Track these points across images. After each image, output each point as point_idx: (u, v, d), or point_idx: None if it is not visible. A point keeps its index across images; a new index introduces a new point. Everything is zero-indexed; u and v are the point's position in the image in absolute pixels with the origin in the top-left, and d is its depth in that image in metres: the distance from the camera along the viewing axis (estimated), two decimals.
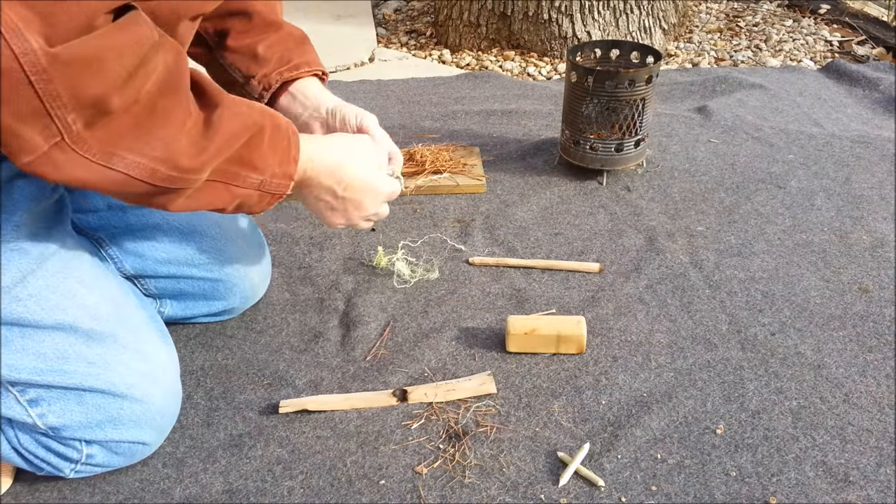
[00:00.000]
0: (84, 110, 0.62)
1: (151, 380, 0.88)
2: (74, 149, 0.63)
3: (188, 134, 0.70)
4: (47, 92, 0.59)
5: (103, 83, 0.62)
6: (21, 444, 0.85)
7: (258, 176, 0.79)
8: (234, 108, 0.75)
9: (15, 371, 0.79)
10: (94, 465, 0.87)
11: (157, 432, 0.90)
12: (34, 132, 0.61)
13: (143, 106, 0.66)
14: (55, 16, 0.57)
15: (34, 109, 0.59)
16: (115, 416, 0.85)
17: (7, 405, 0.81)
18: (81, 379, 0.82)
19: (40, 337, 0.80)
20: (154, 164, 0.68)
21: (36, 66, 0.57)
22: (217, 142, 0.72)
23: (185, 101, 0.71)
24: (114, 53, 0.62)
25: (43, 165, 0.63)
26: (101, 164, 0.65)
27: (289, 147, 0.82)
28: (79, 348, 0.82)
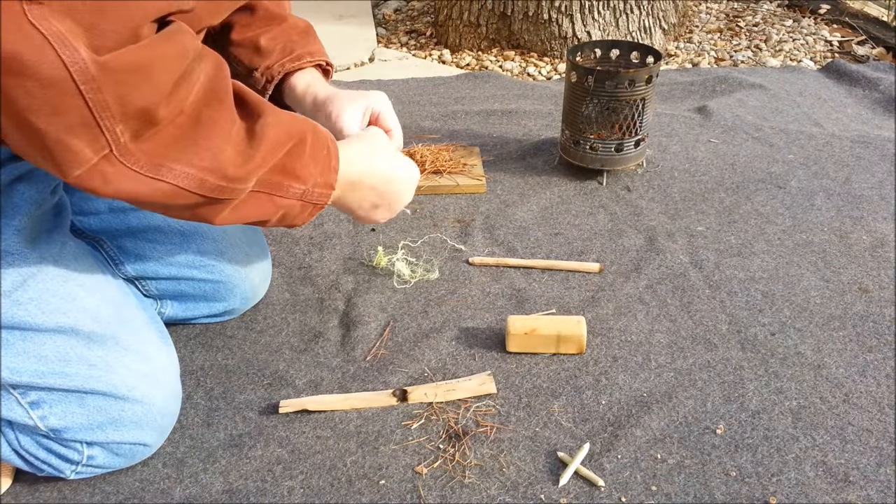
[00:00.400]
0: (131, 121, 0.61)
1: (152, 381, 0.88)
2: (123, 161, 0.63)
3: (234, 143, 0.70)
4: (97, 102, 0.58)
5: (151, 93, 0.61)
6: (22, 445, 0.85)
7: (301, 186, 0.78)
8: (276, 116, 0.75)
9: (16, 374, 0.79)
10: (95, 466, 0.88)
11: (157, 433, 0.90)
12: (83, 144, 0.60)
13: (188, 116, 0.66)
14: (98, 27, 0.57)
15: (84, 120, 0.59)
16: (117, 418, 0.85)
17: (8, 407, 0.81)
18: (83, 381, 0.82)
19: (41, 340, 0.80)
20: (202, 174, 0.68)
21: (85, 74, 0.57)
22: (262, 150, 0.72)
23: (229, 110, 0.71)
24: (160, 63, 0.62)
25: (93, 179, 0.63)
26: (150, 175, 0.65)
27: (329, 156, 0.81)
28: (80, 351, 0.82)
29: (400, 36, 2.52)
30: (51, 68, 0.55)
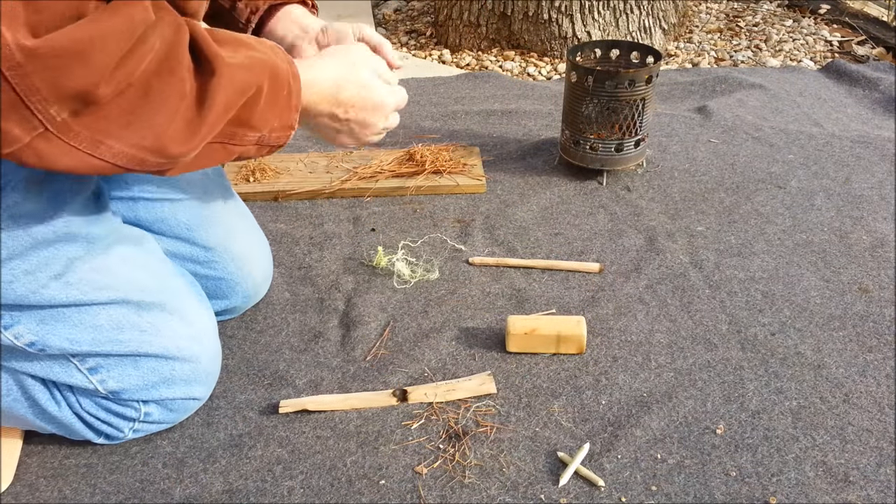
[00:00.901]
0: (67, 102, 0.60)
1: (198, 342, 0.94)
2: (60, 137, 0.62)
3: (181, 116, 0.67)
4: (24, 86, 0.57)
5: (88, 74, 0.59)
6: (83, 408, 0.90)
7: (256, 133, 0.77)
8: (230, 73, 0.70)
9: (75, 344, 0.84)
10: (151, 422, 0.93)
11: (205, 387, 0.96)
12: (11, 125, 0.59)
13: (137, 88, 0.63)
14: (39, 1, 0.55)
15: (11, 104, 0.58)
16: (168, 377, 0.91)
17: (69, 374, 0.87)
18: (136, 346, 0.88)
19: (95, 311, 0.85)
20: (142, 154, 0.67)
21: (10, 60, 0.55)
22: (210, 119, 0.70)
23: (181, 81, 0.67)
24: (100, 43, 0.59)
25: (24, 155, 0.62)
26: (87, 152, 0.64)
27: (289, 96, 0.78)
28: (131, 318, 0.87)
29: (400, 36, 2.52)
30: None
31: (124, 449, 0.94)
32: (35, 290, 0.80)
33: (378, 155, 1.60)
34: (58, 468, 0.92)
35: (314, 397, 1.00)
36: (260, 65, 0.74)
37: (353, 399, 1.00)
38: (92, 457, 0.94)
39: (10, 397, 0.87)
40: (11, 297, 0.79)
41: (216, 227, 1.06)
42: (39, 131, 0.60)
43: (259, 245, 1.14)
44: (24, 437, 0.96)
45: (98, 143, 0.64)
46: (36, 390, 0.88)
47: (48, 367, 0.86)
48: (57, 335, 0.83)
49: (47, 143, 0.61)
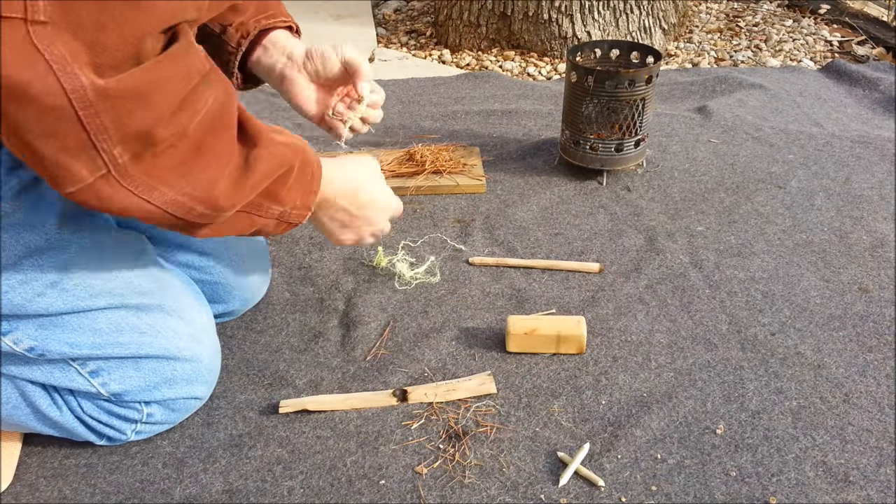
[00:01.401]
0: (130, 143, 0.62)
1: (197, 341, 0.94)
2: (120, 181, 0.64)
3: (228, 174, 0.72)
4: (94, 126, 0.59)
5: (149, 117, 0.62)
6: (85, 411, 0.90)
7: (280, 208, 0.81)
8: (271, 147, 0.76)
9: (75, 348, 0.84)
10: (154, 423, 0.93)
11: (206, 386, 0.96)
12: (80, 165, 0.61)
13: (190, 141, 0.67)
14: (101, 44, 0.58)
15: (81, 143, 0.60)
16: (170, 377, 0.91)
17: (70, 378, 0.87)
18: (136, 348, 0.88)
19: (94, 315, 0.85)
20: (192, 204, 0.70)
21: (84, 101, 0.57)
22: (252, 182, 0.74)
23: (231, 140, 0.72)
24: (162, 87, 0.63)
25: (86, 195, 0.64)
26: (142, 197, 0.66)
27: (312, 180, 0.84)
28: (130, 320, 0.88)
29: (400, 36, 2.52)
30: (51, 96, 0.56)
31: (124, 449, 0.94)
32: (31, 299, 0.80)
33: (378, 155, 1.60)
34: (58, 468, 0.92)
35: (314, 397, 1.00)
36: (294, 146, 0.80)
37: (353, 399, 1.00)
38: (92, 457, 0.94)
39: (10, 404, 0.87)
40: (8, 307, 0.79)
41: None
42: (102, 172, 0.63)
43: (256, 249, 1.14)
44: (23, 438, 0.96)
45: (153, 189, 0.66)
46: (36, 396, 0.88)
47: (49, 372, 0.86)
48: (56, 340, 0.83)
49: (108, 184, 0.64)
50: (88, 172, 0.62)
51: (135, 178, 0.65)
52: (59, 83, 0.56)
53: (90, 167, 0.62)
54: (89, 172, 0.62)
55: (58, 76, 0.56)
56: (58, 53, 0.55)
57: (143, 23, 0.60)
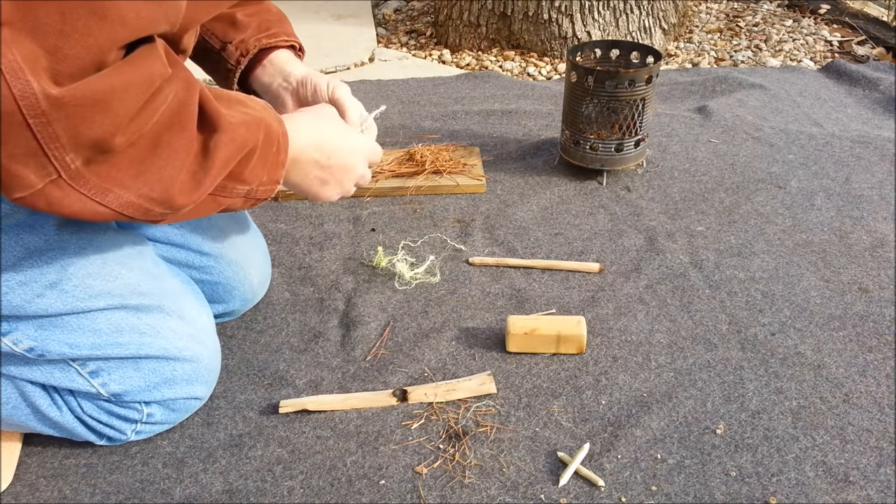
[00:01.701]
0: (84, 150, 0.61)
1: (197, 341, 0.94)
2: (72, 185, 0.62)
3: (186, 169, 0.69)
4: (45, 134, 0.57)
5: (107, 124, 0.60)
6: (85, 411, 0.90)
7: (245, 187, 0.79)
8: (231, 131, 0.73)
9: (75, 348, 0.84)
10: (154, 423, 0.93)
11: (206, 386, 0.96)
12: (29, 171, 0.59)
13: (148, 140, 0.65)
14: (62, 51, 0.56)
15: (30, 150, 0.58)
16: (170, 377, 0.91)
17: (70, 378, 0.86)
18: (136, 349, 0.88)
19: (94, 316, 0.85)
20: (148, 205, 0.68)
21: (35, 109, 0.56)
22: (213, 173, 0.72)
23: (190, 136, 0.69)
24: (121, 94, 0.60)
25: (35, 200, 0.62)
26: (94, 199, 0.64)
27: (278, 152, 0.81)
28: (130, 321, 0.87)
29: (400, 36, 2.52)
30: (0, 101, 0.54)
31: (124, 449, 0.94)
32: (30, 300, 0.80)
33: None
34: (58, 468, 0.92)
35: (314, 397, 1.00)
36: (255, 123, 0.76)
37: (353, 399, 1.00)
38: (92, 457, 0.94)
39: (10, 405, 0.87)
40: (7, 308, 0.79)
41: (211, 231, 1.06)
42: (53, 178, 0.61)
43: (256, 248, 1.14)
44: (23, 438, 0.95)
45: (106, 192, 0.64)
46: (36, 396, 0.88)
47: (49, 373, 0.86)
48: (56, 340, 0.83)
49: (59, 189, 0.62)
50: (38, 178, 0.60)
51: (88, 181, 0.63)
52: (9, 88, 0.54)
53: (39, 173, 0.60)
54: (38, 178, 0.60)
55: (7, 81, 0.54)
56: (10, 59, 0.53)
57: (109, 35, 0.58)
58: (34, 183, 0.60)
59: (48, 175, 0.60)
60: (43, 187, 0.61)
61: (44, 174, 0.60)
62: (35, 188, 0.61)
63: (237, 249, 1.09)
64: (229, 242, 1.08)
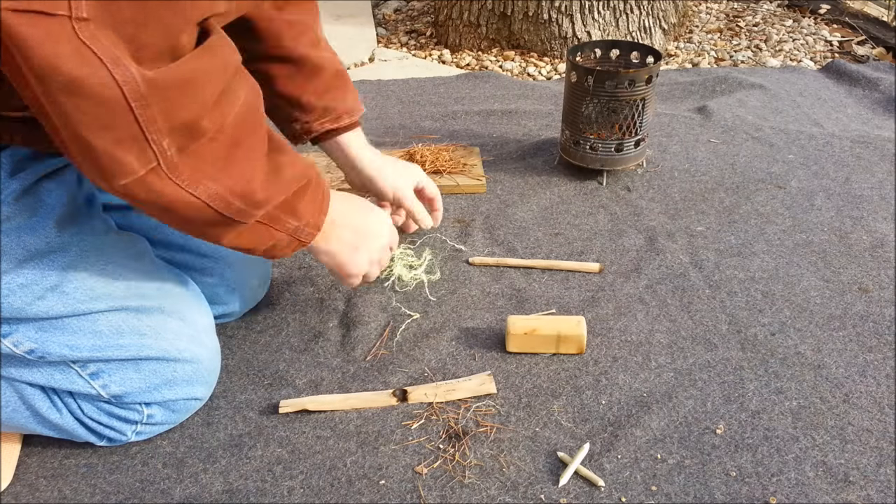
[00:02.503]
0: (177, 134, 0.64)
1: (198, 342, 0.94)
2: (169, 175, 0.66)
3: (261, 171, 0.75)
4: (146, 117, 0.61)
5: (196, 107, 0.65)
6: (85, 413, 0.90)
7: (296, 222, 0.83)
8: (293, 156, 0.80)
9: (76, 350, 0.84)
10: (154, 423, 0.93)
11: (206, 387, 0.97)
12: (132, 157, 0.63)
13: (228, 136, 0.70)
14: (140, 39, 0.60)
15: (133, 135, 0.62)
16: (170, 378, 0.91)
17: (70, 380, 0.87)
18: (137, 350, 0.88)
19: (94, 318, 0.85)
20: (232, 198, 0.72)
21: (136, 92, 0.60)
22: (281, 184, 0.78)
23: (263, 138, 0.76)
24: (204, 77, 0.65)
25: (136, 188, 0.66)
26: (188, 190, 0.68)
27: (323, 200, 0.87)
28: (131, 323, 0.88)
29: (400, 36, 2.52)
30: (106, 88, 0.58)
31: (124, 449, 0.94)
32: (31, 302, 0.80)
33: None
34: (58, 468, 0.92)
35: (314, 397, 1.00)
36: (310, 163, 0.85)
37: (353, 399, 1.00)
38: (92, 457, 0.94)
39: (10, 408, 0.87)
40: (8, 311, 0.79)
41: None
42: (153, 165, 0.65)
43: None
44: (23, 438, 0.96)
45: (198, 183, 0.69)
46: (36, 399, 0.88)
47: (49, 375, 0.86)
48: (56, 342, 0.83)
49: (157, 177, 0.66)
50: (140, 165, 0.64)
51: (182, 171, 0.67)
52: (112, 76, 0.58)
53: (141, 159, 0.64)
54: (140, 165, 0.64)
55: (110, 69, 0.58)
56: (106, 48, 0.57)
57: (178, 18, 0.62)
58: (136, 170, 0.64)
59: (149, 162, 0.64)
60: (144, 175, 0.65)
61: (145, 160, 0.64)
62: (137, 175, 0.65)
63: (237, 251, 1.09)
64: None
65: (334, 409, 0.99)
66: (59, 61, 0.56)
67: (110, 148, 0.62)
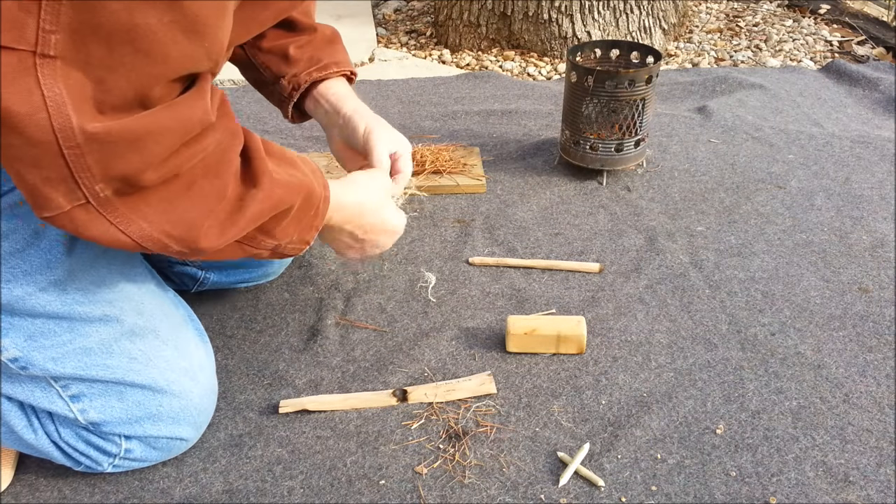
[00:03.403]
0: (113, 182, 0.63)
1: (190, 377, 0.89)
2: (99, 210, 0.64)
3: (215, 216, 0.71)
4: (78, 165, 0.60)
5: (138, 162, 0.63)
6: (62, 437, 0.86)
7: (273, 242, 0.80)
8: (269, 190, 0.74)
9: (60, 364, 0.81)
10: (133, 459, 0.89)
11: (194, 428, 0.91)
12: (58, 194, 0.62)
13: (182, 182, 0.67)
14: (107, 83, 0.58)
15: (62, 177, 0.61)
16: (154, 413, 0.86)
17: (49, 400, 0.83)
18: (123, 373, 0.84)
19: (87, 331, 0.82)
20: (167, 241, 0.69)
21: (70, 141, 0.58)
22: (241, 224, 0.73)
23: (225, 184, 0.71)
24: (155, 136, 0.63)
25: (61, 221, 0.64)
26: (118, 227, 0.66)
27: (314, 216, 0.83)
28: (122, 343, 0.84)
29: (400, 36, 2.52)
30: (39, 130, 0.57)
31: None
32: (31, 293, 0.78)
33: None
34: (58, 468, 0.92)
35: (314, 397, 1.00)
36: (298, 185, 0.79)
37: (353, 399, 1.00)
38: None
39: None
40: (7, 297, 0.77)
41: None
42: (81, 202, 0.63)
43: None
44: None
45: (130, 222, 0.66)
46: (12, 415, 0.85)
47: (30, 391, 0.82)
48: (42, 354, 0.80)
49: (86, 213, 0.64)
50: (66, 201, 0.62)
51: (116, 209, 0.65)
52: (50, 121, 0.57)
53: (69, 197, 0.62)
54: (66, 201, 0.62)
55: (49, 113, 0.56)
56: (56, 91, 0.56)
57: (152, 71, 0.61)
58: (62, 205, 0.63)
59: (77, 199, 0.63)
60: (70, 210, 0.63)
61: (72, 198, 0.63)
62: (62, 210, 0.63)
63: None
64: None
65: (334, 409, 0.99)
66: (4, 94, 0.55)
67: (39, 184, 0.61)
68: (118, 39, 0.57)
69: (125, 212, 0.65)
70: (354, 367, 1.06)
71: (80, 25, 0.55)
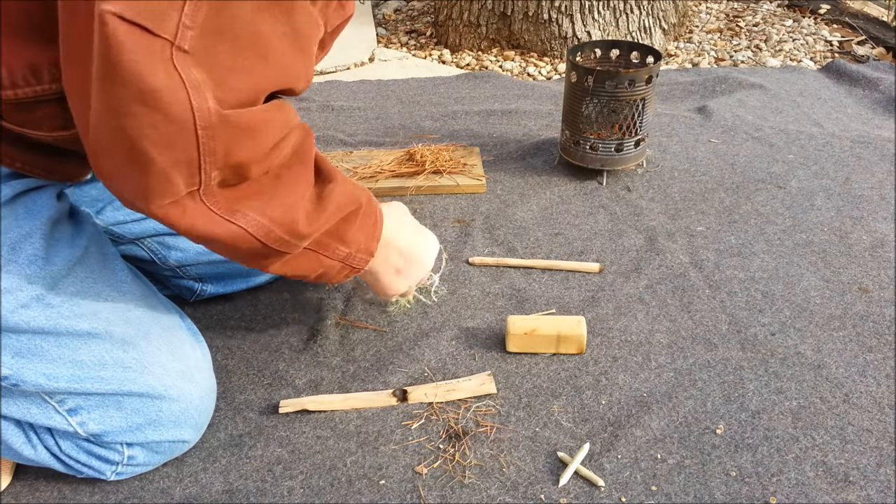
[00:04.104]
0: (227, 170, 0.67)
1: (187, 379, 0.88)
2: (203, 200, 0.68)
3: (305, 203, 0.77)
4: (207, 147, 0.63)
5: (253, 151, 0.68)
6: (62, 450, 0.85)
7: (346, 249, 0.85)
8: (343, 184, 0.82)
9: (52, 380, 0.79)
10: (136, 465, 0.88)
11: (195, 430, 0.91)
12: (180, 178, 0.65)
13: (271, 175, 0.73)
14: (227, 83, 0.62)
15: (189, 159, 0.63)
16: (155, 419, 0.85)
17: (47, 416, 0.82)
18: (119, 384, 0.82)
19: (76, 345, 0.80)
20: (271, 225, 0.74)
21: (206, 121, 0.62)
22: (326, 213, 0.79)
23: (308, 173, 0.78)
24: (268, 127, 0.68)
25: (175, 209, 0.67)
26: (224, 217, 0.70)
27: (375, 225, 0.89)
28: (115, 354, 0.82)
29: (400, 36, 2.52)
30: (180, 107, 0.60)
31: None
32: (14, 310, 0.76)
33: (378, 155, 1.60)
34: None
35: (314, 397, 1.00)
36: (362, 188, 0.87)
37: (353, 399, 1.00)
38: None
39: None
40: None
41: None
42: (193, 189, 0.66)
43: None
44: None
45: (234, 211, 0.71)
46: (9, 433, 0.83)
47: (25, 408, 0.81)
48: (33, 370, 0.78)
49: (193, 201, 0.68)
50: (185, 186, 0.65)
51: (217, 199, 0.69)
52: (189, 99, 0.60)
53: (188, 182, 0.65)
54: (185, 186, 0.65)
55: (189, 93, 0.60)
56: (193, 77, 0.60)
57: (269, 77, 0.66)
58: (180, 190, 0.66)
59: (193, 185, 0.66)
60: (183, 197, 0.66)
61: (190, 183, 0.66)
62: (179, 195, 0.66)
63: None
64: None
65: (334, 408, 0.99)
66: (146, 71, 0.57)
67: (168, 167, 0.63)
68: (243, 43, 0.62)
69: (226, 203, 0.70)
70: (354, 367, 1.06)
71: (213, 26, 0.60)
